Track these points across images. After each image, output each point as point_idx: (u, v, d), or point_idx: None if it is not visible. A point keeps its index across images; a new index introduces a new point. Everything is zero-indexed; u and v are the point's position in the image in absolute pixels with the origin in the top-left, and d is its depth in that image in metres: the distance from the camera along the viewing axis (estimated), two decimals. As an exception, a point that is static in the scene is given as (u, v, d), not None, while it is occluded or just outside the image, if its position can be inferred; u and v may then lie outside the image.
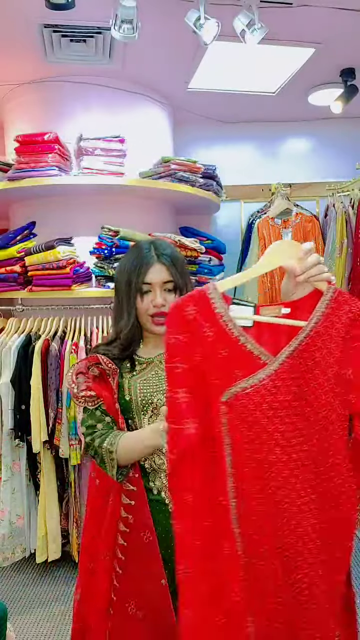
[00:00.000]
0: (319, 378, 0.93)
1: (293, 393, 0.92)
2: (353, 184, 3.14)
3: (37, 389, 2.44)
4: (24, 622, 2.31)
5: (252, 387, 0.91)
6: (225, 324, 0.92)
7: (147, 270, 1.29)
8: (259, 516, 0.91)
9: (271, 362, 0.92)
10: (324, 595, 0.93)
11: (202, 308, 0.93)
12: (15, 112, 3.05)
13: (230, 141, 3.69)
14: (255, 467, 0.91)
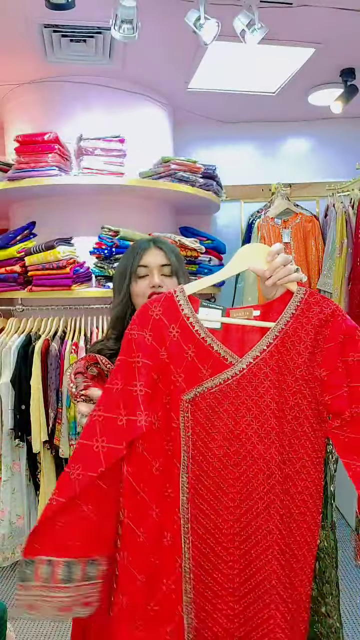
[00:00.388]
0: (287, 379, 0.95)
1: (259, 394, 0.94)
2: (353, 184, 3.14)
3: (37, 389, 2.44)
4: (24, 622, 2.31)
5: (217, 387, 0.95)
6: (191, 325, 0.97)
7: (143, 253, 1.33)
8: (213, 513, 0.94)
9: (237, 362, 0.95)
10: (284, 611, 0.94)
11: (168, 309, 0.97)
12: (15, 112, 3.05)
13: (230, 141, 3.69)
14: (214, 463, 0.94)
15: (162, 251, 1.34)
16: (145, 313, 0.97)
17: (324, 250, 3.29)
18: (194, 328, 0.97)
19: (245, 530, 0.95)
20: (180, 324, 0.97)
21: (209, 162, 3.07)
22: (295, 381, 0.95)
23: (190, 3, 2.07)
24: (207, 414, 0.95)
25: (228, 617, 0.94)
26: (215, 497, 0.95)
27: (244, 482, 0.95)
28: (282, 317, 0.97)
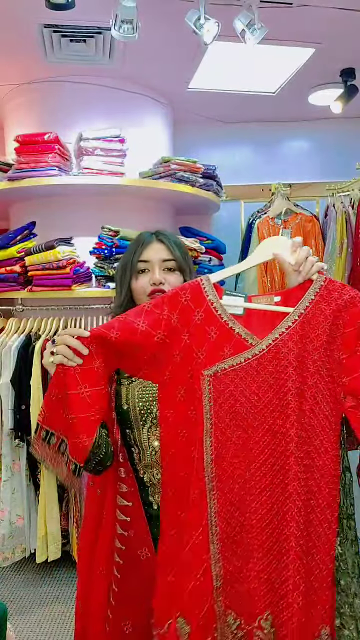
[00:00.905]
0: (306, 361, 1.01)
1: (278, 373, 1.01)
2: (353, 184, 3.14)
3: (37, 389, 2.44)
4: (24, 622, 2.31)
5: (238, 365, 1.02)
6: (214, 310, 1.05)
7: (144, 248, 1.25)
8: (236, 474, 1.01)
9: (257, 343, 1.02)
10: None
11: (194, 295, 1.06)
12: (15, 112, 3.05)
13: (231, 141, 3.69)
14: (237, 432, 1.02)
15: (164, 245, 1.27)
16: (175, 298, 1.05)
17: (324, 250, 3.29)
18: (217, 312, 1.04)
19: (267, 494, 1.00)
20: (205, 309, 1.05)
21: (209, 162, 3.07)
22: (313, 362, 1.01)
23: (190, 3, 2.07)
24: (228, 389, 1.02)
25: (258, 577, 0.99)
26: (238, 461, 1.02)
27: (267, 454, 1.01)
28: (301, 302, 1.03)
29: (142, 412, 1.18)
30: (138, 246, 1.26)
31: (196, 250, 2.86)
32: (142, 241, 1.27)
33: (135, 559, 1.18)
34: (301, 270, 1.04)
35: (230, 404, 1.01)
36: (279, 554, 0.99)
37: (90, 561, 1.26)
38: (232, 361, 1.02)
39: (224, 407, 1.01)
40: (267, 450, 1.01)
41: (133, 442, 1.19)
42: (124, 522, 1.19)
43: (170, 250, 1.26)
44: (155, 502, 1.19)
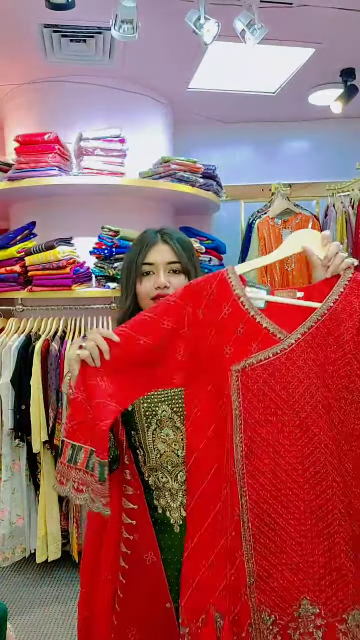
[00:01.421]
0: (337, 353, 1.00)
1: (309, 366, 1.00)
2: (353, 184, 3.14)
3: (37, 389, 2.44)
4: (24, 622, 2.31)
5: (267, 360, 1.00)
6: (242, 304, 1.02)
7: (149, 249, 1.20)
8: (268, 470, 1.00)
9: (286, 338, 1.00)
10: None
11: (220, 288, 1.03)
12: (15, 112, 3.05)
13: (231, 141, 3.69)
14: (268, 428, 1.00)
15: (169, 246, 1.20)
16: (200, 292, 1.03)
17: (324, 250, 3.29)
18: (244, 306, 1.02)
19: (300, 489, 1.00)
20: (232, 303, 1.02)
21: (209, 162, 3.07)
22: (344, 355, 1.00)
23: (190, 3, 2.07)
24: (258, 385, 1.00)
25: (291, 570, 0.98)
26: (269, 457, 1.00)
27: (298, 450, 0.99)
28: (330, 296, 1.02)
29: (147, 413, 1.15)
30: (142, 247, 1.21)
31: (196, 250, 2.86)
32: (146, 242, 1.21)
33: (141, 563, 1.15)
34: (329, 265, 1.03)
35: (260, 400, 1.00)
36: (316, 547, 0.99)
37: (94, 566, 1.24)
38: (260, 356, 1.00)
39: (253, 402, 1.00)
40: (299, 446, 0.99)
41: (138, 445, 1.17)
42: (129, 526, 1.17)
43: (175, 251, 1.20)
44: (160, 507, 1.17)
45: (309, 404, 1.00)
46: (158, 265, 1.19)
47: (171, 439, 1.13)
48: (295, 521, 0.99)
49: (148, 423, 1.15)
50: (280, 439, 1.00)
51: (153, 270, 1.20)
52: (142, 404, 1.16)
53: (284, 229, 3.31)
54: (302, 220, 3.34)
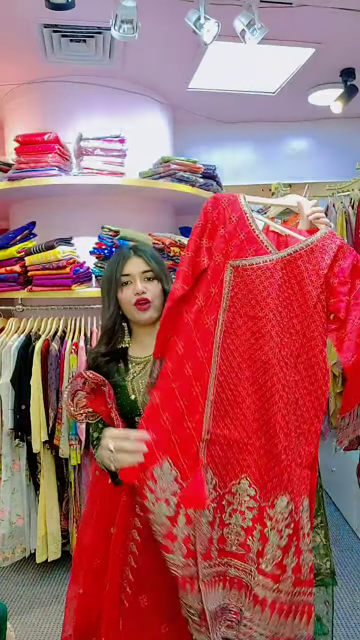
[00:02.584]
0: (312, 278, 1.23)
1: (288, 282, 1.22)
2: (353, 184, 3.14)
3: (37, 389, 2.44)
4: (23, 622, 2.31)
5: (256, 265, 1.21)
6: (247, 218, 1.25)
7: (124, 263, 1.41)
8: (241, 346, 1.20)
9: (275, 253, 1.23)
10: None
11: (231, 203, 1.26)
12: (15, 112, 3.05)
13: (231, 141, 3.69)
14: (245, 321, 1.21)
15: (141, 258, 1.41)
16: (218, 199, 1.27)
17: (324, 250, 3.29)
18: (248, 220, 1.24)
19: (261, 376, 1.19)
20: (239, 215, 1.25)
21: (209, 162, 3.07)
22: (318, 279, 1.22)
23: (190, 3, 2.07)
24: (245, 282, 1.21)
25: (239, 447, 1.16)
26: (241, 338, 1.20)
27: (273, 340, 1.20)
28: (314, 236, 1.26)
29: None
30: (119, 262, 1.41)
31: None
32: (121, 257, 1.42)
33: (153, 536, 1.20)
34: (312, 216, 1.33)
35: (244, 294, 1.21)
36: (266, 428, 1.16)
37: (101, 546, 1.34)
38: (253, 260, 1.22)
39: (239, 295, 1.21)
40: (268, 337, 1.19)
41: None
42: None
43: (147, 262, 1.41)
44: None
45: (281, 306, 1.21)
46: (134, 275, 1.40)
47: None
48: (247, 398, 1.18)
49: None
50: (254, 329, 1.21)
51: (130, 280, 1.40)
52: (142, 391, 1.36)
53: (284, 229, 3.31)
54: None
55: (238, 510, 1.14)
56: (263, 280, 1.21)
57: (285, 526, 1.12)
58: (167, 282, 1.43)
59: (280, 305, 1.21)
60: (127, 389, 1.38)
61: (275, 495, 1.13)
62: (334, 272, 1.24)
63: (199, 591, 1.09)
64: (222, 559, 1.13)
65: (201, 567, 1.09)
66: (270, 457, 1.14)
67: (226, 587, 1.13)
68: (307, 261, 1.23)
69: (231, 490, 1.15)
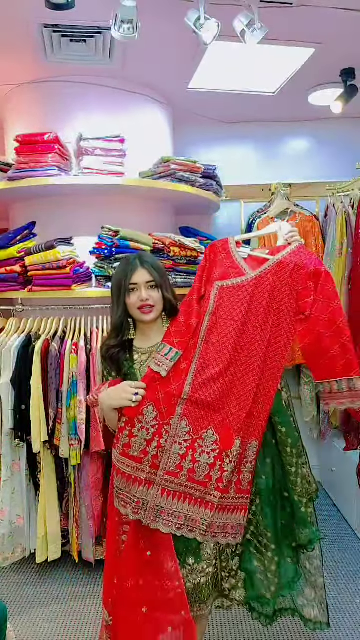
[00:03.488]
0: (280, 288, 1.67)
1: (260, 293, 1.67)
2: (353, 184, 3.14)
3: (37, 389, 2.44)
4: (23, 622, 2.31)
5: (236, 284, 1.69)
6: (232, 252, 1.76)
7: (132, 273, 1.68)
8: (215, 346, 1.65)
9: (250, 273, 1.70)
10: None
11: (223, 244, 1.79)
12: (15, 112, 3.05)
13: (231, 141, 3.69)
14: (225, 327, 1.66)
15: (146, 270, 1.68)
16: (214, 245, 1.80)
17: (324, 250, 3.29)
18: (233, 254, 1.76)
19: (235, 357, 1.64)
20: (227, 252, 1.76)
21: (209, 162, 3.07)
22: (284, 290, 1.67)
23: (190, 3, 2.07)
24: (227, 296, 1.68)
25: (211, 395, 1.63)
26: (222, 333, 1.65)
27: (243, 337, 1.65)
28: (280, 254, 1.71)
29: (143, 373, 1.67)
30: (128, 272, 1.69)
31: (196, 250, 2.86)
32: (130, 268, 1.69)
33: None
34: (287, 236, 1.76)
35: (226, 306, 1.67)
36: (233, 395, 1.62)
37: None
38: (233, 281, 1.70)
39: (222, 306, 1.67)
40: (242, 334, 1.65)
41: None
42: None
43: (151, 273, 1.69)
44: None
45: (257, 314, 1.65)
46: (140, 284, 1.68)
47: None
48: (221, 376, 1.62)
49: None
50: (232, 327, 1.65)
51: (137, 288, 1.68)
52: (138, 368, 1.70)
53: (284, 229, 3.31)
54: (302, 220, 3.34)
55: (205, 451, 1.60)
56: (239, 294, 1.67)
57: (235, 458, 1.60)
58: (166, 289, 1.71)
59: (255, 309, 1.65)
60: (137, 375, 1.69)
61: (233, 439, 1.60)
62: (299, 279, 1.65)
63: (146, 488, 1.58)
64: (190, 484, 1.59)
65: (163, 479, 1.59)
66: (229, 415, 1.62)
67: (187, 503, 1.59)
68: (275, 274, 1.67)
69: (201, 437, 1.61)
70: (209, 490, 1.58)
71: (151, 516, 1.57)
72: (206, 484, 1.59)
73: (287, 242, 1.74)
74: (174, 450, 1.59)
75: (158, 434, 1.59)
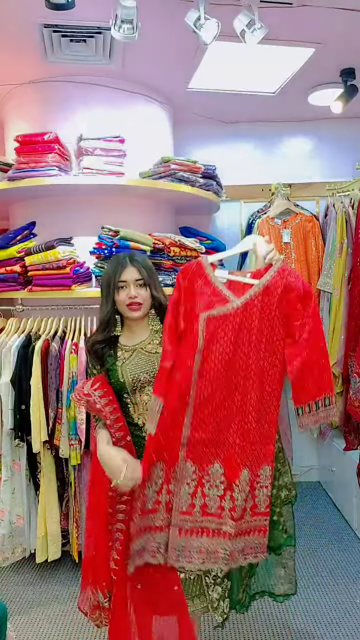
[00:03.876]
0: (268, 313, 1.60)
1: (249, 320, 1.58)
2: (353, 184, 3.14)
3: (37, 389, 2.44)
4: (23, 622, 2.31)
5: (222, 314, 1.59)
6: (210, 278, 1.64)
7: (122, 271, 1.71)
8: (210, 381, 1.59)
9: (235, 301, 1.60)
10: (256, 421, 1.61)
11: (197, 269, 1.66)
12: (15, 112, 3.05)
13: (231, 141, 3.69)
14: (218, 355, 1.59)
15: (136, 268, 1.71)
16: (187, 271, 1.66)
17: (323, 250, 3.29)
18: (211, 280, 1.64)
19: (231, 388, 1.60)
20: (204, 278, 1.64)
21: (209, 162, 3.07)
22: (272, 314, 1.59)
23: (190, 3, 2.07)
24: (215, 327, 1.58)
25: (209, 432, 1.61)
26: (215, 367, 1.59)
27: (236, 367, 1.59)
28: (265, 277, 1.61)
29: (134, 381, 1.70)
30: (118, 269, 1.71)
31: (196, 250, 2.86)
32: (120, 265, 1.72)
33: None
34: (267, 257, 1.64)
35: (215, 337, 1.58)
36: (231, 428, 1.61)
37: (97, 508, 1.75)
38: (219, 310, 1.59)
39: (212, 339, 1.59)
40: (235, 363, 1.59)
41: (129, 401, 1.73)
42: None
43: (140, 272, 1.71)
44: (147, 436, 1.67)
45: (248, 343, 1.59)
46: (129, 282, 1.71)
47: (150, 390, 1.68)
48: (217, 410, 1.59)
49: (135, 386, 1.70)
50: (225, 359, 1.58)
51: (126, 285, 1.71)
52: (129, 375, 1.70)
53: (284, 229, 3.31)
54: (302, 220, 3.34)
55: (214, 485, 1.61)
56: (227, 323, 1.59)
57: (245, 487, 1.60)
58: (155, 288, 1.74)
59: (246, 338, 1.59)
60: (118, 372, 1.71)
61: (239, 470, 1.59)
62: (289, 302, 1.60)
63: (165, 533, 1.61)
64: (204, 518, 1.61)
65: (179, 519, 1.60)
66: (233, 446, 1.61)
67: (205, 536, 1.61)
68: (262, 300, 1.60)
69: (208, 472, 1.62)
70: (224, 520, 1.60)
71: (173, 556, 1.60)
72: (220, 515, 1.60)
73: (268, 263, 1.64)
74: (183, 491, 1.60)
75: (166, 481, 1.61)
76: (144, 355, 1.72)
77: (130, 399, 1.72)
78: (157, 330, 1.77)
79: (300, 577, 2.60)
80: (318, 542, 2.92)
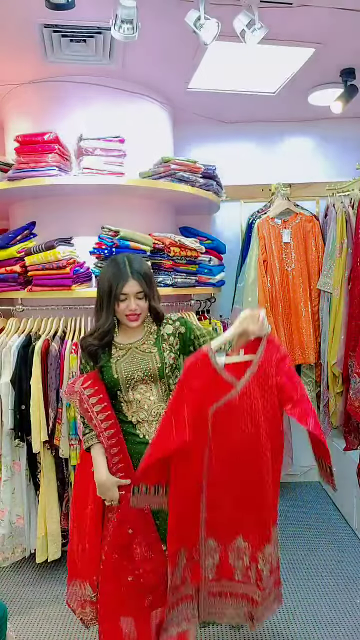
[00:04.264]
0: (266, 388, 1.65)
1: (251, 401, 1.63)
2: (353, 184, 3.14)
3: (37, 389, 2.44)
4: (23, 622, 2.31)
5: (227, 402, 1.63)
6: (215, 369, 1.63)
7: (124, 284, 1.75)
8: (222, 464, 1.65)
9: (236, 385, 1.63)
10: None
11: (203, 362, 1.63)
12: (15, 112, 3.05)
13: (230, 141, 3.69)
14: (226, 444, 1.65)
15: (137, 280, 1.76)
16: (194, 366, 1.63)
17: (323, 250, 3.29)
18: (216, 371, 1.63)
19: (240, 476, 1.66)
20: (211, 371, 1.63)
21: (209, 162, 3.07)
22: (270, 388, 1.65)
23: (190, 3, 2.07)
24: (222, 417, 1.63)
25: (226, 514, 1.69)
26: (223, 456, 1.64)
27: (243, 452, 1.65)
28: (258, 353, 1.64)
29: (127, 378, 1.77)
30: (119, 281, 1.75)
31: (196, 250, 2.86)
32: (122, 278, 1.76)
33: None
34: (261, 332, 1.64)
35: (222, 427, 1.63)
36: (240, 510, 1.68)
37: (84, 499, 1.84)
38: (224, 399, 1.63)
39: (220, 430, 1.63)
40: (244, 447, 1.65)
41: (122, 399, 1.80)
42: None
43: (140, 285, 1.77)
44: (141, 434, 1.78)
45: (252, 425, 1.63)
46: (130, 295, 1.77)
47: (143, 389, 1.78)
48: (232, 489, 1.66)
49: (129, 384, 1.77)
50: (234, 446, 1.64)
51: (127, 298, 1.77)
52: (123, 373, 1.77)
53: (284, 229, 3.31)
54: (302, 220, 3.34)
55: (239, 557, 1.70)
56: (233, 410, 1.63)
57: (269, 559, 1.71)
58: (153, 298, 1.81)
59: (251, 419, 1.63)
60: (112, 369, 1.78)
61: (262, 545, 1.69)
62: (278, 371, 1.66)
63: (195, 601, 1.72)
64: (231, 583, 1.70)
65: (208, 585, 1.71)
66: (251, 524, 1.69)
67: (231, 599, 1.72)
68: (260, 376, 1.65)
69: (232, 547, 1.70)
70: (251, 586, 1.70)
71: (204, 615, 1.73)
72: (248, 582, 1.70)
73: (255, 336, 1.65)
74: (207, 564, 1.69)
75: (189, 558, 1.69)
76: (138, 354, 1.80)
77: (123, 397, 1.79)
78: (151, 331, 1.84)
79: (300, 577, 2.60)
80: (318, 542, 2.92)
